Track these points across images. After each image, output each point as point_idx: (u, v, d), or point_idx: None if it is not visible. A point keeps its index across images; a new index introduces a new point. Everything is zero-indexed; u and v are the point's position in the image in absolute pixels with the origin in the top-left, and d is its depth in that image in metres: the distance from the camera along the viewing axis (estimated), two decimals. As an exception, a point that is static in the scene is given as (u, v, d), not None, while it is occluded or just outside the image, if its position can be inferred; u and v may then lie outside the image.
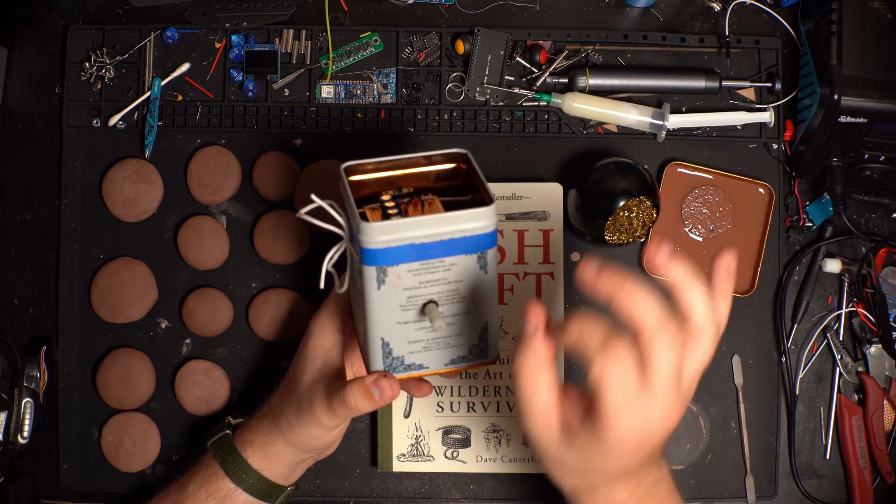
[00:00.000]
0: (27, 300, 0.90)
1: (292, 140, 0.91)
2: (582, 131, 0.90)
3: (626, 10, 0.93)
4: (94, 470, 0.89)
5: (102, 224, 0.90)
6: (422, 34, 0.91)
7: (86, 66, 0.90)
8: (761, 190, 0.89)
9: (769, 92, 0.90)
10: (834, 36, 0.83)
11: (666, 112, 0.87)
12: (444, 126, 0.90)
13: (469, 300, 0.66)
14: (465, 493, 0.89)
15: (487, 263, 0.65)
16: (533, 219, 0.87)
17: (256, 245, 0.89)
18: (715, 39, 0.91)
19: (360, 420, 0.89)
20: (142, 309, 0.89)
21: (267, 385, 0.81)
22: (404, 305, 0.65)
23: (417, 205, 0.65)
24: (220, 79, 0.91)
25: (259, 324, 0.89)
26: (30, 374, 0.87)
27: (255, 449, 0.76)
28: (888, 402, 0.89)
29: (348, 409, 0.68)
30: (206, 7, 0.91)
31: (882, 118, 0.81)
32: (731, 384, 0.89)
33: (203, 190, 0.89)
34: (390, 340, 0.67)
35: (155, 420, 0.89)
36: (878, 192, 0.89)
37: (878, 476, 0.88)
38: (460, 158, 0.68)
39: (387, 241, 0.61)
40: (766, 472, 0.88)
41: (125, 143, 0.90)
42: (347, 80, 0.91)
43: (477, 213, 0.62)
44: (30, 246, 0.91)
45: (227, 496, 0.76)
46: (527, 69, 0.90)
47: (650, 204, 0.84)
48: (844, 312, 0.90)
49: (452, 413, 0.86)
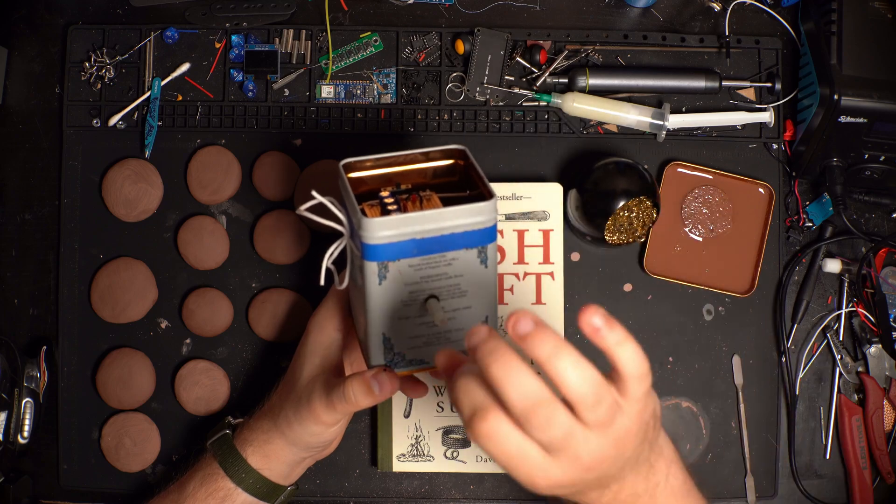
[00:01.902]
0: (27, 300, 0.90)
1: (292, 140, 0.91)
2: (582, 131, 0.90)
3: (626, 10, 0.93)
4: (93, 470, 0.89)
5: (102, 224, 0.90)
6: (422, 34, 0.91)
7: (86, 66, 0.90)
8: (761, 190, 0.89)
9: (769, 92, 0.90)
10: (834, 36, 0.83)
11: (666, 112, 0.87)
12: (444, 126, 0.90)
13: (470, 294, 0.66)
14: (465, 493, 0.89)
15: (488, 258, 0.65)
16: (533, 219, 0.87)
17: (256, 245, 0.89)
18: (715, 39, 0.91)
19: (360, 420, 0.89)
20: (142, 309, 0.89)
21: (267, 385, 0.81)
22: (405, 301, 0.65)
23: (416, 201, 0.66)
24: (220, 79, 0.91)
25: (259, 324, 0.89)
26: (30, 374, 0.87)
27: (255, 448, 0.76)
28: (888, 402, 0.89)
29: (347, 404, 0.68)
30: (206, 7, 0.91)
31: (882, 118, 0.81)
32: (731, 384, 0.89)
33: (203, 190, 0.89)
34: (391, 336, 0.67)
35: (155, 420, 0.89)
36: (878, 192, 0.89)
37: (878, 476, 0.88)
38: (458, 155, 0.69)
39: (388, 236, 0.62)
40: (766, 472, 0.88)
41: (125, 143, 0.90)
42: (347, 80, 0.91)
43: (478, 208, 0.62)
44: (30, 246, 0.91)
45: (226, 496, 0.76)
46: (527, 69, 0.90)
47: (650, 204, 0.84)
48: (844, 312, 0.90)
49: (452, 413, 0.86)
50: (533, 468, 0.54)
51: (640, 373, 0.55)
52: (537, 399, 0.51)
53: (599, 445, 0.54)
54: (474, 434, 0.53)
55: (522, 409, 0.51)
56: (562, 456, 0.53)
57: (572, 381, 0.52)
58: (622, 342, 0.53)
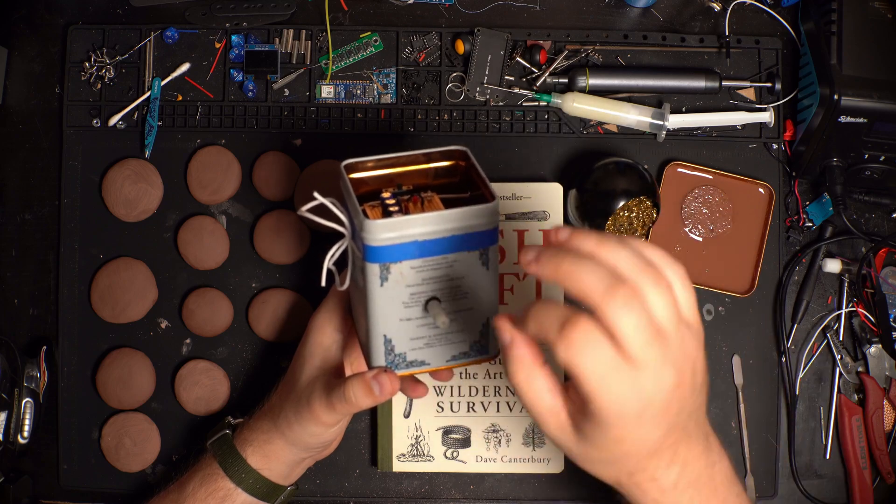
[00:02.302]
0: (27, 300, 0.90)
1: (292, 140, 0.91)
2: (582, 131, 0.90)
3: (626, 10, 0.93)
4: (93, 470, 0.89)
5: (102, 224, 0.90)
6: (422, 34, 0.91)
7: (86, 66, 0.90)
8: (761, 190, 0.89)
9: (769, 92, 0.90)
10: (834, 36, 0.83)
11: (666, 112, 0.87)
12: (444, 126, 0.90)
13: (471, 296, 0.66)
14: (465, 493, 0.89)
15: (489, 260, 0.65)
16: (533, 219, 0.87)
17: (256, 245, 0.89)
18: (715, 39, 0.91)
19: (360, 420, 0.89)
20: (142, 309, 0.89)
21: (267, 385, 0.81)
22: (407, 302, 0.65)
23: (417, 202, 0.66)
24: (220, 79, 0.91)
25: (259, 324, 0.89)
26: (30, 374, 0.87)
27: (255, 448, 0.76)
28: (888, 402, 0.89)
29: (347, 405, 0.68)
30: (206, 7, 0.91)
31: (882, 118, 0.81)
32: (731, 384, 0.89)
33: (203, 190, 0.89)
34: (392, 337, 0.67)
35: (155, 420, 0.89)
36: (878, 192, 0.89)
37: (878, 476, 0.88)
38: (459, 155, 0.69)
39: (391, 238, 0.62)
40: (766, 472, 0.88)
41: (125, 143, 0.90)
42: (347, 80, 0.91)
43: (481, 210, 0.63)
44: (30, 246, 0.91)
45: (226, 496, 0.76)
46: (527, 69, 0.90)
47: (650, 204, 0.84)
48: (844, 312, 0.90)
49: (452, 413, 0.86)
50: (626, 383, 0.52)
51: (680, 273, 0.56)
52: (614, 279, 0.52)
53: (677, 351, 0.54)
54: (569, 343, 0.52)
55: (604, 288, 0.51)
56: (649, 361, 0.52)
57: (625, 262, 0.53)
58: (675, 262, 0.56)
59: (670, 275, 0.55)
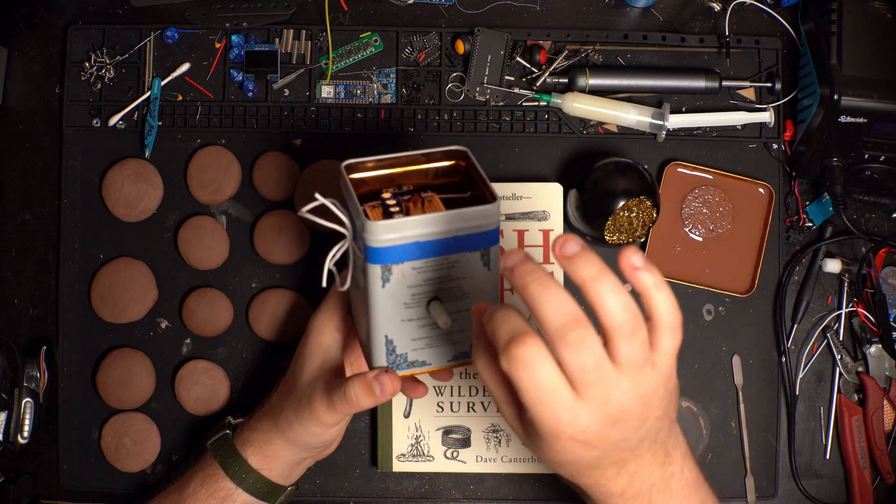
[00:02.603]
0: (27, 300, 0.90)
1: (292, 140, 0.91)
2: (582, 131, 0.90)
3: (626, 10, 0.93)
4: (93, 470, 0.89)
5: (102, 224, 0.90)
6: (422, 34, 0.91)
7: (86, 66, 0.90)
8: (761, 190, 0.89)
9: (769, 92, 0.90)
10: (834, 36, 0.83)
11: (666, 112, 0.87)
12: (444, 126, 0.90)
13: (472, 296, 0.66)
14: (465, 493, 0.89)
15: (490, 260, 0.65)
16: (533, 219, 0.87)
17: (256, 245, 0.89)
18: (715, 39, 0.91)
19: (360, 420, 0.89)
20: (142, 309, 0.89)
21: (267, 385, 0.81)
22: (408, 303, 0.65)
23: (418, 202, 0.66)
24: (220, 79, 0.91)
25: (259, 324, 0.89)
26: (30, 374, 0.87)
27: (255, 448, 0.76)
28: (888, 402, 0.89)
29: (348, 405, 0.68)
30: (206, 7, 0.91)
31: (882, 118, 0.81)
32: (731, 384, 0.89)
33: (203, 190, 0.89)
34: (394, 338, 0.67)
35: (155, 420, 0.89)
36: (878, 192, 0.89)
37: (878, 476, 0.88)
38: (459, 156, 0.69)
39: (392, 239, 0.62)
40: (766, 472, 0.88)
41: (125, 143, 0.90)
42: (347, 80, 0.91)
43: (482, 211, 0.63)
44: (30, 246, 0.91)
45: (227, 496, 0.76)
46: (527, 69, 0.90)
47: (650, 204, 0.84)
48: (844, 312, 0.90)
49: (452, 413, 0.86)
50: (562, 408, 0.52)
51: (673, 322, 0.54)
52: (573, 317, 0.51)
53: (628, 393, 0.53)
54: (510, 359, 0.52)
55: (558, 325, 0.51)
56: (591, 397, 0.52)
57: (612, 307, 0.51)
58: (659, 286, 0.53)
59: (662, 326, 0.54)
